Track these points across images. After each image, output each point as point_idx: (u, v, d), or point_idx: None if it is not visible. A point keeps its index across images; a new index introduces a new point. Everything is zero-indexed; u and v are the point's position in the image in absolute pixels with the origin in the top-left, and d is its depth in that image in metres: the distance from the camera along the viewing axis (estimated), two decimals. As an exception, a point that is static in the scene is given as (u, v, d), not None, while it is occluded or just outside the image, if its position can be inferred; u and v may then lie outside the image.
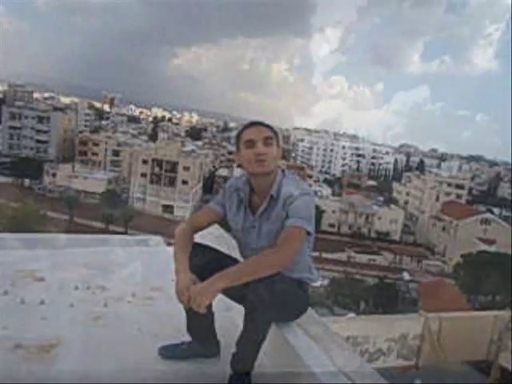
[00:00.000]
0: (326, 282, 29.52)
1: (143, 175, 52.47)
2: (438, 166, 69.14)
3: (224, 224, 2.28)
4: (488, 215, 49.46)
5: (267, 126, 1.85)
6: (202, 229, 1.95)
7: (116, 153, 60.10)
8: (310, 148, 79.25)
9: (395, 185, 66.73)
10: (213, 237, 2.63)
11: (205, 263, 1.76)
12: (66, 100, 70.56)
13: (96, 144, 60.02)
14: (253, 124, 1.85)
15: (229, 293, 1.84)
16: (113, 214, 41.06)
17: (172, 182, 52.12)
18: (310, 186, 38.95)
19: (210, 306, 1.87)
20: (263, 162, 1.77)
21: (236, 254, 1.97)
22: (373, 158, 77.23)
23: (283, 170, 1.86)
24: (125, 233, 34.83)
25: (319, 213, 44.47)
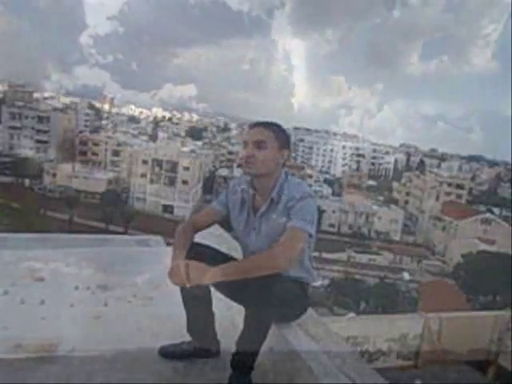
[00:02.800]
0: (326, 281, 29.54)
1: (143, 175, 52.47)
2: (438, 166, 69.12)
3: (224, 224, 2.28)
4: (488, 215, 49.44)
5: (270, 127, 1.83)
6: (203, 228, 1.96)
7: (116, 153, 60.08)
8: (310, 148, 79.28)
9: (395, 185, 66.72)
10: (213, 237, 2.62)
11: (204, 263, 1.76)
12: (65, 100, 70.51)
13: (96, 144, 60.00)
14: (253, 125, 1.85)
15: (229, 293, 1.84)
16: (113, 214, 41.07)
17: (172, 182, 52.12)
18: (310, 186, 38.94)
19: (210, 306, 1.88)
20: (250, 164, 1.78)
21: (236, 254, 1.97)
22: (373, 157, 77.24)
23: (286, 173, 1.87)
24: (125, 233, 34.82)
25: (319, 213, 44.46)
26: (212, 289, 1.83)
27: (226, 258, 1.84)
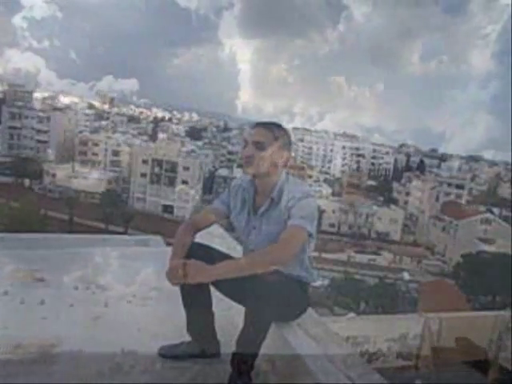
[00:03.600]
0: (326, 282, 29.53)
1: (143, 175, 52.47)
2: (438, 166, 69.09)
3: (224, 224, 2.29)
4: (488, 215, 49.43)
5: (271, 128, 1.84)
6: (204, 227, 1.97)
7: (116, 153, 60.07)
8: (310, 148, 79.26)
9: (395, 185, 66.71)
10: (213, 237, 2.63)
11: (203, 262, 1.76)
12: (66, 100, 70.49)
13: (96, 144, 59.98)
14: (256, 125, 1.86)
15: (229, 292, 1.84)
16: (113, 214, 41.08)
17: (172, 182, 52.13)
18: (310, 186, 38.92)
19: (210, 306, 1.88)
20: (249, 163, 1.80)
21: (236, 254, 1.97)
22: (373, 157, 77.17)
23: (287, 173, 1.88)
24: (125, 233, 34.82)
25: (319, 213, 44.45)
26: (212, 289, 1.83)
27: (225, 258, 1.84)
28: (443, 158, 72.82)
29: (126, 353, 1.89)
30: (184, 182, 51.95)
